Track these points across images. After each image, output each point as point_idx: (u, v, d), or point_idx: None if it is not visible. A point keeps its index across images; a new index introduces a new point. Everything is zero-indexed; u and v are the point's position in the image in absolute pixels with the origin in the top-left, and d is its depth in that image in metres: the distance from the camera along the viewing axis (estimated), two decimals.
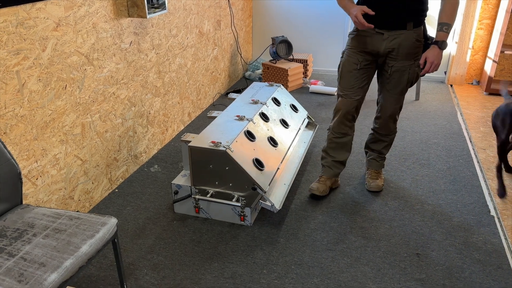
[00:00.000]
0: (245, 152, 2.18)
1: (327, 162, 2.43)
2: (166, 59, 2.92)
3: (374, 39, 2.11)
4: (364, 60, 2.18)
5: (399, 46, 2.10)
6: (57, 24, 1.91)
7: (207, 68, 3.64)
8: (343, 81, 2.26)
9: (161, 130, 2.98)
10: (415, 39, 2.09)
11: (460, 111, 3.67)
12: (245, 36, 4.56)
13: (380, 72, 2.26)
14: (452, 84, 4.32)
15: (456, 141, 3.13)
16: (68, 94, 2.04)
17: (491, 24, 4.05)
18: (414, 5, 2.03)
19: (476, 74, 4.30)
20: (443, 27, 2.00)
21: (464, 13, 3.99)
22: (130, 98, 2.54)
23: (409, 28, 2.06)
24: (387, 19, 2.05)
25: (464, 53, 4.16)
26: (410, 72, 2.16)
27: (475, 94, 4.07)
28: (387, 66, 2.18)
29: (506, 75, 4.21)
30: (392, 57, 2.13)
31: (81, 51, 2.09)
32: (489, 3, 3.99)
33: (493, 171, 2.71)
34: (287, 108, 2.93)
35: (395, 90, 2.23)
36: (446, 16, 2.00)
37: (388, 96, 2.26)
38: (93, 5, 2.13)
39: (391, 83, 2.22)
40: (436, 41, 2.01)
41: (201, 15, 3.39)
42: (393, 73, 2.17)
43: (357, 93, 2.24)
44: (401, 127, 3.36)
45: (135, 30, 2.51)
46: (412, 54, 2.12)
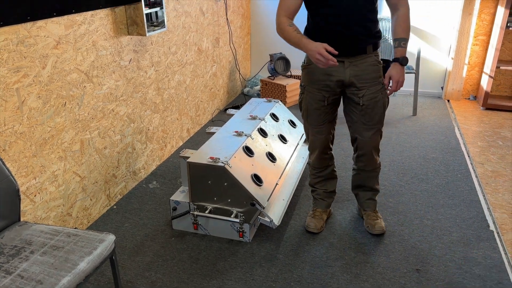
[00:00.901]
0: (243, 167, 2.18)
1: (319, 194, 2.35)
2: (165, 76, 2.94)
3: (335, 69, 1.96)
4: (330, 95, 2.04)
5: (363, 72, 1.97)
6: (57, 42, 1.94)
7: (206, 84, 3.67)
8: (311, 119, 2.14)
9: (160, 146, 2.99)
10: (376, 61, 1.99)
11: (457, 126, 3.69)
12: (243, 53, 4.61)
13: (350, 106, 2.08)
14: (449, 99, 4.35)
15: (454, 156, 3.14)
16: (68, 111, 2.06)
17: (486, 40, 4.11)
18: (372, 26, 1.94)
19: (473, 89, 4.34)
20: (400, 42, 1.92)
21: (459, 29, 4.04)
22: (129, 114, 2.56)
23: (369, 52, 1.96)
24: (347, 46, 1.92)
25: (460, 69, 4.20)
26: (382, 97, 2.02)
27: (472, 109, 4.09)
28: (357, 97, 2.01)
29: (502, 90, 4.25)
30: (360, 86, 1.99)
31: (81, 69, 2.11)
32: (484, 19, 4.05)
33: (491, 186, 2.71)
34: (285, 124, 2.95)
35: (373, 120, 2.05)
36: (401, 30, 1.92)
37: (367, 129, 2.07)
38: (93, 24, 2.16)
39: (367, 114, 2.03)
40: (396, 58, 1.92)
41: (200, 33, 3.44)
42: (367, 102, 2.00)
43: (328, 128, 2.16)
44: (399, 142, 3.37)
45: (134, 48, 2.54)
46: (377, 78, 2.00)
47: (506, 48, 4.07)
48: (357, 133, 2.12)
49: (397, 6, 1.93)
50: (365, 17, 1.91)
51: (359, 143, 2.15)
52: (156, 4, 2.59)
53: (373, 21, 1.94)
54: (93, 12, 2.15)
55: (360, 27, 1.91)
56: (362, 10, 1.89)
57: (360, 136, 2.12)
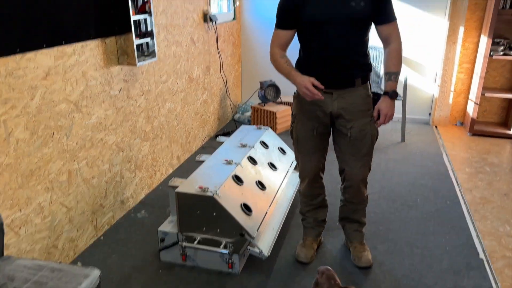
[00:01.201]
0: (233, 196, 2.17)
1: (309, 223, 2.34)
2: (155, 104, 2.96)
3: (324, 101, 1.96)
4: (320, 126, 2.06)
5: (351, 105, 1.98)
6: (46, 73, 1.95)
7: (196, 111, 3.69)
8: (301, 148, 2.15)
9: (149, 174, 2.97)
10: (365, 94, 2.01)
11: (445, 152, 3.73)
12: (234, 80, 4.66)
13: (338, 137, 2.09)
14: (437, 125, 4.42)
15: (442, 182, 3.16)
16: (56, 141, 2.05)
17: (470, 68, 4.21)
18: (361, 60, 1.97)
19: (460, 116, 4.41)
20: (391, 76, 1.94)
21: (444, 57, 4.15)
22: (118, 143, 2.55)
23: (357, 85, 1.97)
24: (336, 78, 1.94)
25: (446, 96, 4.28)
26: (371, 129, 2.03)
27: (460, 135, 4.15)
28: (345, 129, 2.02)
29: (488, 116, 4.33)
30: (349, 118, 2.00)
31: (70, 99, 2.12)
32: (468, 48, 4.16)
33: (480, 212, 2.73)
34: (275, 151, 2.96)
35: (361, 153, 2.05)
36: (392, 64, 1.95)
37: (355, 160, 2.07)
38: (83, 54, 2.18)
39: (355, 146, 2.04)
40: (386, 92, 1.95)
41: (191, 61, 3.48)
42: (355, 134, 2.01)
43: (318, 157, 2.16)
44: (388, 168, 3.39)
45: (124, 78, 2.55)
46: (366, 111, 2.01)
47: (490, 75, 4.17)
48: (345, 164, 2.13)
49: (388, 40, 1.96)
50: (353, 51, 1.94)
51: (346, 174, 2.15)
52: (147, 34, 2.63)
53: (361, 55, 1.97)
54: (84, 43, 2.17)
55: (347, 60, 1.94)
56: (350, 44, 1.92)
57: (347, 167, 2.12)
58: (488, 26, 3.80)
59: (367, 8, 1.86)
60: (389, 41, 1.96)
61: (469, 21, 4.06)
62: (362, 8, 1.85)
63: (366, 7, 1.86)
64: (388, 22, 1.93)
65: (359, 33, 1.92)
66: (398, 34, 1.96)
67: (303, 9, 1.90)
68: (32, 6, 1.82)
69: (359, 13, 1.86)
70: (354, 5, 1.85)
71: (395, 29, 1.95)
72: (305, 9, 1.90)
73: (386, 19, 1.93)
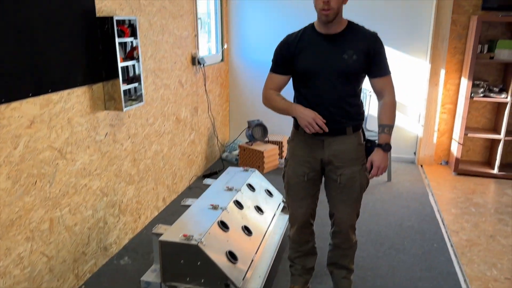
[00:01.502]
0: (218, 244, 2.14)
1: (297, 270, 2.31)
2: (142, 147, 2.95)
3: (315, 147, 2.01)
4: (310, 172, 2.06)
5: (341, 152, 2.00)
6: (31, 122, 1.95)
7: (183, 152, 3.69)
8: (291, 192, 2.15)
9: (134, 218, 2.92)
10: (357, 143, 2.02)
11: (431, 192, 3.76)
12: (222, 119, 4.70)
13: (329, 182, 2.10)
14: (422, 165, 4.47)
15: (429, 223, 3.17)
16: (38, 189, 2.02)
17: (453, 108, 4.32)
18: (352, 110, 1.98)
19: (444, 155, 4.48)
20: (384, 129, 1.97)
21: (427, 98, 4.25)
22: (102, 188, 2.52)
23: (348, 133, 1.99)
24: (327, 125, 1.92)
25: (430, 136, 4.36)
26: (361, 178, 2.03)
27: (445, 174, 4.20)
28: (335, 175, 2.03)
29: (472, 155, 4.40)
30: (339, 165, 2.01)
31: (54, 146, 2.10)
32: (449, 89, 4.28)
33: (467, 256, 2.72)
34: (262, 194, 2.95)
35: (350, 199, 2.06)
36: (386, 117, 1.97)
37: (344, 207, 2.09)
38: (69, 101, 2.18)
39: (344, 193, 2.05)
40: (379, 144, 1.97)
41: (179, 103, 3.51)
42: (344, 181, 2.02)
43: (309, 203, 2.15)
44: (375, 209, 3.39)
45: (111, 122, 2.56)
46: (357, 159, 2.02)
47: (472, 116, 4.28)
48: (335, 209, 2.13)
49: (382, 93, 1.99)
50: (345, 102, 1.95)
51: (336, 219, 2.15)
52: (135, 79, 2.66)
53: (352, 105, 1.98)
54: (70, 90, 2.19)
55: (338, 109, 1.95)
56: (341, 94, 1.94)
57: (337, 212, 2.13)
58: (467, 69, 3.94)
59: (360, 62, 1.89)
60: (383, 94, 1.99)
61: (450, 64, 4.20)
62: (354, 62, 1.89)
63: (358, 61, 1.89)
64: (382, 76, 1.97)
65: (351, 85, 1.95)
66: (391, 87, 1.99)
67: (297, 58, 1.95)
68: (18, 56, 1.84)
69: (351, 66, 1.89)
70: (347, 58, 1.89)
71: (388, 83, 1.98)
72: (299, 58, 1.95)
73: (380, 73, 1.96)
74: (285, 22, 4.46)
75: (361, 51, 1.89)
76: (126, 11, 2.63)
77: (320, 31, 1.93)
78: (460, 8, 4.04)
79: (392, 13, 4.21)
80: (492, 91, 4.00)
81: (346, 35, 1.92)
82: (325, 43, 1.92)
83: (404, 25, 4.21)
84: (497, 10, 3.86)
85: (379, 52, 1.93)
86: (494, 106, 4.22)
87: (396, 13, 4.19)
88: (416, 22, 4.19)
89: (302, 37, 1.97)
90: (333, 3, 1.80)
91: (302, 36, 1.97)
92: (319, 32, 1.94)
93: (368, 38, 1.92)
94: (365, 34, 1.93)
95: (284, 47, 2.01)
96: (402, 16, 4.19)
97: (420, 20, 4.18)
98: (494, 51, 3.86)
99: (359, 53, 1.89)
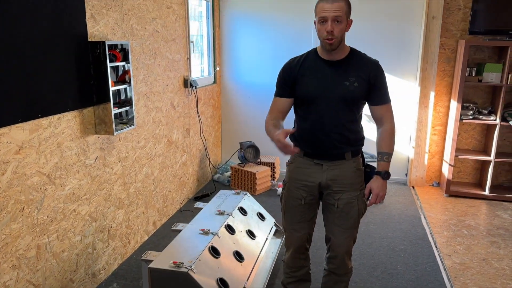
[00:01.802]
0: (208, 271, 2.11)
1: None
2: (132, 170, 2.93)
3: (313, 170, 2.02)
4: (308, 195, 2.07)
5: (340, 177, 2.00)
6: (20, 147, 1.92)
7: (175, 174, 3.66)
8: (288, 215, 2.14)
9: (123, 243, 2.87)
10: (355, 168, 2.02)
11: (423, 214, 3.76)
12: (214, 140, 4.69)
13: (326, 207, 2.11)
14: (414, 186, 4.48)
15: (422, 247, 3.15)
16: (25, 216, 1.98)
17: (443, 130, 4.36)
18: (352, 136, 1.99)
19: (435, 176, 4.50)
20: (383, 156, 1.98)
21: (417, 120, 4.30)
22: (91, 213, 2.48)
23: (348, 158, 2.00)
24: (326, 151, 1.99)
25: (421, 157, 4.39)
26: (359, 203, 2.03)
27: (436, 196, 4.21)
28: (333, 199, 2.03)
29: (463, 177, 4.43)
30: (337, 189, 2.02)
31: (43, 171, 2.08)
32: (439, 111, 4.33)
33: (460, 280, 2.70)
34: (253, 217, 2.92)
35: (347, 225, 2.05)
36: (385, 145, 1.98)
37: (340, 231, 2.07)
38: (59, 126, 2.17)
39: (341, 217, 2.04)
40: (378, 172, 1.98)
41: (170, 125, 3.50)
42: (342, 206, 2.02)
43: (305, 227, 2.13)
44: (368, 232, 3.38)
45: (101, 146, 2.54)
46: (356, 184, 2.02)
47: (462, 137, 4.32)
48: (331, 233, 2.12)
49: (382, 121, 2.00)
50: (343, 127, 1.96)
51: (332, 244, 2.14)
52: (126, 102, 2.66)
53: (352, 131, 1.99)
54: (60, 115, 2.17)
55: (337, 135, 1.96)
56: (341, 120, 1.95)
57: (333, 237, 2.11)
58: (457, 91, 3.99)
59: (360, 89, 1.91)
60: (382, 121, 2.00)
61: (439, 87, 4.26)
62: (355, 89, 1.90)
63: (359, 88, 1.91)
64: (382, 103, 1.98)
65: (351, 111, 1.96)
66: (391, 115, 2.00)
67: (299, 82, 1.97)
68: (7, 81, 1.83)
69: (352, 93, 1.91)
70: (348, 84, 1.90)
71: (388, 111, 1.99)
72: (301, 83, 1.97)
73: (380, 100, 1.98)
74: (276, 45, 4.52)
75: (362, 79, 1.91)
76: (119, 36, 2.64)
77: (322, 57, 1.96)
78: (448, 32, 4.13)
79: (381, 36, 4.29)
80: (481, 113, 4.05)
81: (348, 62, 1.94)
82: (327, 69, 1.94)
83: (393, 48, 4.29)
84: (484, 34, 3.95)
85: (380, 80, 1.95)
86: (484, 128, 4.27)
87: (385, 37, 4.27)
88: (405, 45, 4.27)
89: (304, 61, 1.99)
90: (336, 32, 1.83)
91: (305, 60, 2.00)
92: (322, 57, 1.96)
93: (370, 66, 1.94)
94: (367, 62, 1.95)
95: (286, 71, 2.03)
96: (392, 39, 4.27)
97: (409, 44, 4.26)
98: (482, 74, 3.94)
99: (360, 80, 1.91)
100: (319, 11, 1.85)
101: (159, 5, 3.17)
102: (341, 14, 1.81)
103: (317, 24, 1.88)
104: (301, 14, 4.39)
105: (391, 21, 4.23)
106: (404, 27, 4.23)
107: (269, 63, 4.57)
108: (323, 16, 1.82)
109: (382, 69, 1.97)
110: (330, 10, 1.80)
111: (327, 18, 1.81)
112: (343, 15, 1.82)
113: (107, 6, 2.50)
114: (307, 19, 4.37)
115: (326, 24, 1.83)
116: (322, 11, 1.82)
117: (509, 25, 3.85)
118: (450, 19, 4.10)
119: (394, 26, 4.24)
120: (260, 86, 4.63)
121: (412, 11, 4.18)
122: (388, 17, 4.22)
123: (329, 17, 1.81)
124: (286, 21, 4.45)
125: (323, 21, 1.83)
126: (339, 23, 1.82)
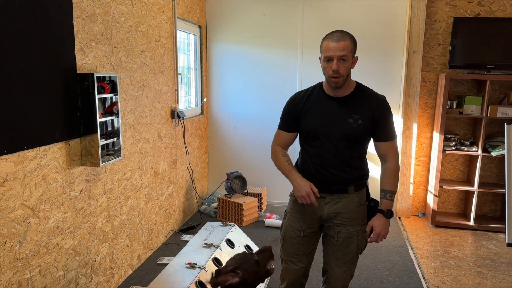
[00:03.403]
0: None
1: None
2: (117, 202, 2.88)
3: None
4: (308, 228, 2.05)
5: (342, 210, 1.99)
6: (4, 180, 1.89)
7: (160, 206, 3.62)
8: (286, 246, 2.12)
9: (107, 278, 2.79)
10: (358, 202, 2.00)
11: (410, 245, 3.76)
12: (201, 171, 4.67)
13: (326, 239, 2.10)
14: (400, 217, 4.50)
15: (410, 278, 3.14)
16: (7, 250, 1.92)
17: (427, 161, 4.44)
18: (354, 173, 1.98)
19: (421, 207, 4.54)
20: (386, 194, 1.95)
21: (401, 151, 4.37)
22: (75, 247, 2.42)
23: (351, 192, 1.98)
24: (329, 184, 1.98)
25: (407, 188, 4.44)
26: (359, 238, 2.00)
27: (423, 226, 4.23)
28: (333, 232, 2.02)
29: (448, 207, 4.48)
30: (338, 223, 2.00)
31: (27, 204, 2.03)
32: (422, 143, 4.42)
33: None
34: (241, 250, 2.89)
35: (345, 259, 2.03)
36: (388, 183, 1.96)
37: (338, 265, 2.05)
38: (45, 158, 2.14)
39: (340, 251, 2.02)
40: (381, 210, 1.95)
41: (157, 156, 3.49)
42: (341, 239, 2.00)
43: (302, 260, 2.10)
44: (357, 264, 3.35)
45: (87, 178, 2.51)
46: (358, 219, 2.00)
47: (445, 168, 4.40)
48: (329, 266, 2.10)
49: (385, 158, 2.00)
50: (346, 163, 1.96)
51: (328, 277, 2.11)
52: (113, 133, 2.65)
53: (355, 168, 1.99)
54: (47, 146, 2.15)
55: (340, 171, 1.96)
56: (344, 157, 1.95)
57: (330, 270, 2.09)
58: (439, 123, 4.10)
59: (364, 126, 1.91)
60: (386, 158, 2.00)
61: (422, 118, 4.37)
62: (359, 126, 1.91)
63: (363, 125, 1.91)
64: (386, 140, 1.98)
65: (354, 148, 1.96)
66: (395, 152, 2.00)
67: (303, 117, 1.99)
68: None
69: (356, 131, 1.91)
70: (352, 122, 1.91)
71: (392, 148, 1.99)
72: (305, 118, 1.98)
73: (384, 137, 1.97)
74: (262, 77, 4.60)
75: (367, 116, 1.92)
76: (107, 68, 2.66)
77: (328, 93, 1.97)
78: (429, 66, 4.28)
79: (365, 69, 4.40)
80: (463, 144, 4.15)
81: (353, 99, 1.94)
82: (331, 105, 1.95)
83: (377, 81, 4.40)
84: (463, 68, 4.10)
85: (385, 117, 1.95)
86: (466, 159, 4.36)
87: (369, 70, 4.38)
88: (388, 78, 4.40)
89: (310, 96, 2.00)
90: (342, 70, 1.84)
91: (310, 95, 2.00)
92: (327, 93, 1.97)
93: (375, 103, 1.95)
94: (372, 98, 1.96)
95: (291, 105, 2.04)
96: (375, 73, 4.39)
97: (392, 77, 4.39)
98: (463, 106, 4.06)
99: (365, 118, 1.91)
100: (324, 49, 1.85)
101: (147, 38, 3.22)
102: (346, 53, 1.82)
103: (322, 62, 1.88)
104: (287, 47, 4.50)
105: (374, 56, 4.36)
106: (386, 60, 4.36)
107: (255, 94, 4.63)
108: (329, 55, 1.83)
109: (388, 105, 1.98)
110: (335, 49, 1.81)
111: (333, 57, 1.82)
112: (349, 54, 1.83)
113: (96, 39, 2.53)
114: (293, 53, 4.48)
115: (331, 62, 1.83)
116: (328, 50, 1.83)
117: (486, 59, 4.02)
118: (430, 53, 4.26)
119: (376, 59, 4.37)
120: (247, 117, 4.67)
121: (394, 45, 4.33)
122: (371, 52, 4.35)
123: (335, 56, 1.82)
124: (272, 54, 4.55)
125: (329, 60, 1.84)
126: (344, 62, 1.83)
